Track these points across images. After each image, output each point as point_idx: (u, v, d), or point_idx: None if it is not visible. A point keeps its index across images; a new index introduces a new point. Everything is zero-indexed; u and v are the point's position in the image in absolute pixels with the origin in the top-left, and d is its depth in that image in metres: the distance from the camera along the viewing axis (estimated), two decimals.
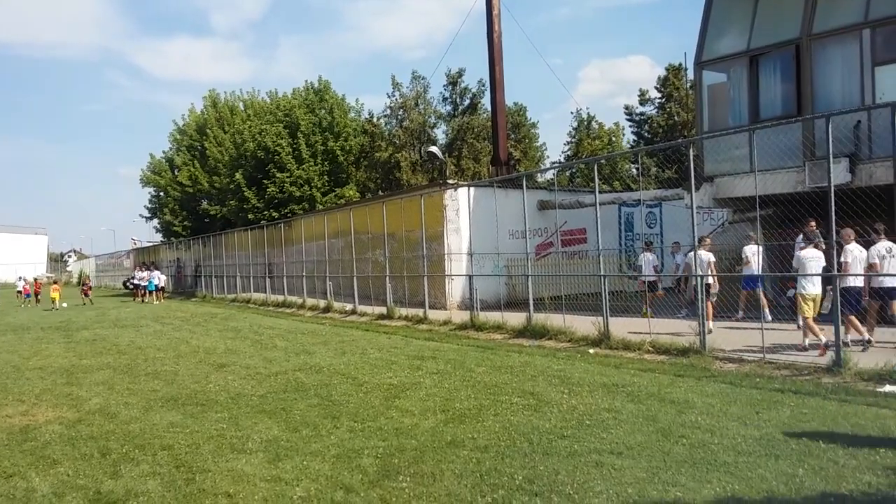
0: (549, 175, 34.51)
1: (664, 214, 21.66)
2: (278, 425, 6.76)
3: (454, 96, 38.01)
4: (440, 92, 38.91)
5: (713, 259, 12.73)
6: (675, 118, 36.54)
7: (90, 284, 36.73)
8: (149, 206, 47.42)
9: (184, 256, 41.77)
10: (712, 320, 11.48)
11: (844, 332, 8.87)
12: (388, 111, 37.09)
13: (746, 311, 12.86)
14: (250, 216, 32.21)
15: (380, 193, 33.15)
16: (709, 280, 11.62)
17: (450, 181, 23.18)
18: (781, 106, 13.75)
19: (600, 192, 13.21)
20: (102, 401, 8.39)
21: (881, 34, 12.21)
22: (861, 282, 9.44)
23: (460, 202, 18.89)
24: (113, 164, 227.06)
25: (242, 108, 41.64)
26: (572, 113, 56.54)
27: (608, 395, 7.47)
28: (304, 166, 32.37)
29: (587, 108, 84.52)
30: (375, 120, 37.55)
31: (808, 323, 9.42)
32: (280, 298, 25.28)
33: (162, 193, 44.72)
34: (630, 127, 40.97)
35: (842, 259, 9.20)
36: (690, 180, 10.24)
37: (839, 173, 11.47)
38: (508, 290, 17.85)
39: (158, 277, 32.99)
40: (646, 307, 13.99)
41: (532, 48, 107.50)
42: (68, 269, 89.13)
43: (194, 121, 43.16)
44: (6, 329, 19.38)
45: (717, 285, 12.32)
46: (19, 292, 35.12)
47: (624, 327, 11.47)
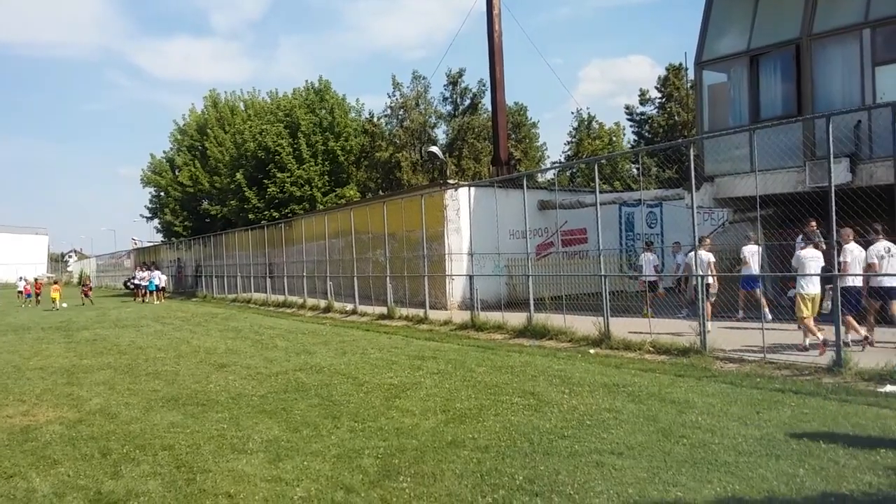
0: (550, 175, 34.51)
1: (665, 214, 21.68)
2: (279, 425, 6.76)
3: (455, 96, 38.01)
4: (441, 92, 38.97)
5: (713, 259, 12.76)
6: (676, 118, 36.51)
7: (90, 285, 36.75)
8: (149, 206, 47.42)
9: (184, 256, 41.80)
10: (710, 320, 11.48)
11: (845, 332, 8.87)
12: (389, 111, 37.11)
13: (747, 311, 12.86)
14: (251, 216, 32.20)
15: (380, 193, 33.15)
16: (708, 280, 11.63)
17: (450, 181, 23.19)
18: (782, 106, 13.75)
19: (601, 192, 13.20)
20: (103, 401, 8.40)
21: (881, 34, 12.21)
22: (861, 281, 9.46)
23: (461, 202, 18.90)
24: (113, 164, 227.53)
25: (243, 108, 41.62)
26: (573, 113, 56.62)
27: (609, 395, 7.47)
28: (305, 166, 32.36)
29: (587, 108, 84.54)
30: (376, 120, 37.55)
31: (806, 323, 9.44)
32: (280, 298, 25.29)
33: (162, 193, 44.70)
34: (630, 127, 40.99)
35: (841, 259, 9.20)
36: (691, 180, 10.24)
37: (840, 173, 11.47)
38: (509, 290, 17.85)
39: (159, 277, 33.04)
40: (646, 307, 14.00)
41: (532, 48, 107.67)
42: (69, 270, 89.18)
43: (195, 121, 43.14)
44: (7, 329, 19.40)
45: (717, 285, 12.33)
46: (20, 292, 35.16)
47: (624, 327, 11.48)
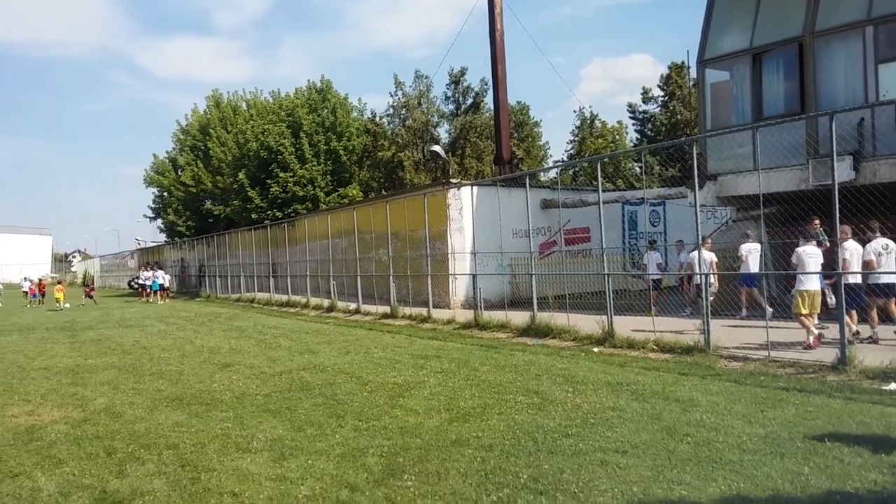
0: (553, 174, 34.47)
1: (668, 213, 21.67)
2: (283, 424, 6.78)
3: (457, 95, 37.95)
4: (443, 91, 38.94)
5: (715, 259, 12.79)
6: (678, 116, 36.42)
7: (93, 285, 36.77)
8: (152, 207, 47.55)
9: (188, 256, 41.86)
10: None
11: (849, 330, 8.87)
12: (391, 110, 37.09)
13: (750, 310, 12.85)
14: (254, 216, 32.24)
15: (383, 193, 33.12)
16: (710, 279, 11.63)
17: (453, 180, 23.21)
18: (784, 104, 13.72)
19: (604, 191, 13.21)
20: (108, 400, 8.42)
21: (884, 31, 12.17)
22: (860, 279, 9.50)
23: (463, 201, 18.90)
24: (115, 165, 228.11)
25: (245, 108, 41.64)
26: (575, 111, 56.41)
27: (612, 394, 7.47)
28: (308, 166, 32.38)
29: (590, 107, 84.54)
30: (378, 119, 37.55)
31: (802, 319, 9.50)
32: (284, 298, 25.31)
33: (165, 193, 44.77)
34: (633, 125, 40.89)
35: (843, 256, 9.21)
36: (694, 179, 10.23)
37: (843, 171, 11.43)
38: (512, 289, 17.86)
39: (163, 277, 33.13)
40: (650, 305, 13.99)
41: (534, 47, 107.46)
42: (73, 270, 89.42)
43: (197, 120, 43.19)
44: (12, 329, 19.45)
45: (717, 284, 12.34)
46: (25, 293, 35.31)
47: (628, 326, 11.48)
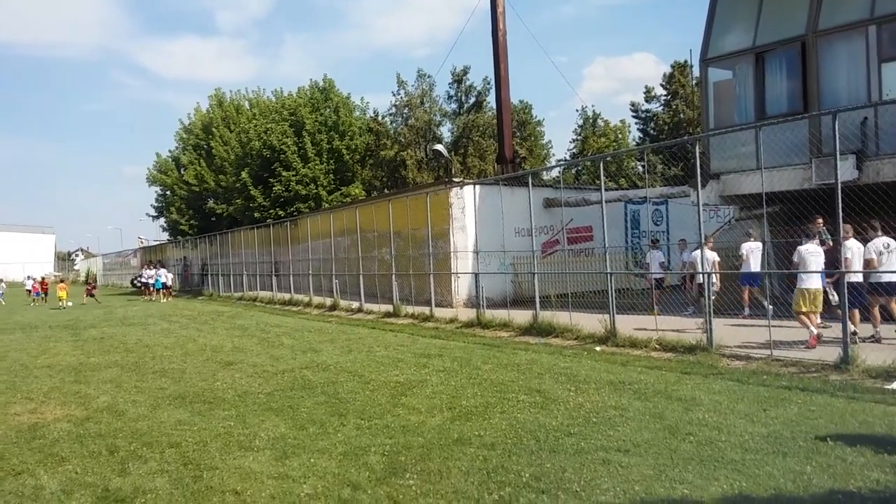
0: (555, 173, 34.43)
1: (670, 212, 21.67)
2: (285, 423, 6.78)
3: (459, 94, 37.93)
4: (445, 90, 38.95)
5: (717, 258, 12.79)
6: (681, 115, 36.40)
7: (95, 283, 36.80)
8: (155, 205, 47.61)
9: (190, 255, 41.95)
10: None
11: (852, 329, 8.86)
12: (394, 109, 37.11)
13: (752, 309, 12.84)
14: (256, 215, 32.27)
15: (385, 192, 33.14)
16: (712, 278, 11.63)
17: (455, 179, 23.19)
18: (787, 103, 13.71)
19: (606, 190, 13.21)
20: (110, 399, 8.43)
21: (887, 30, 12.15)
22: (862, 277, 9.50)
23: (466, 200, 18.90)
24: (117, 164, 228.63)
25: (248, 107, 41.68)
26: (577, 110, 56.54)
27: (615, 393, 7.47)
28: (310, 165, 32.40)
29: (592, 106, 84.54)
30: (381, 118, 37.56)
31: (801, 317, 9.49)
32: (286, 297, 25.33)
33: (168, 192, 44.86)
34: (636, 124, 40.88)
35: (845, 255, 9.21)
36: (696, 177, 10.22)
37: (846, 170, 11.42)
38: (514, 288, 17.86)
39: (165, 275, 33.19)
40: (653, 304, 13.99)
41: (537, 46, 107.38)
42: (76, 268, 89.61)
43: (200, 120, 43.25)
44: (15, 327, 19.49)
45: (719, 284, 12.34)
46: (29, 291, 35.40)
47: (630, 325, 11.48)
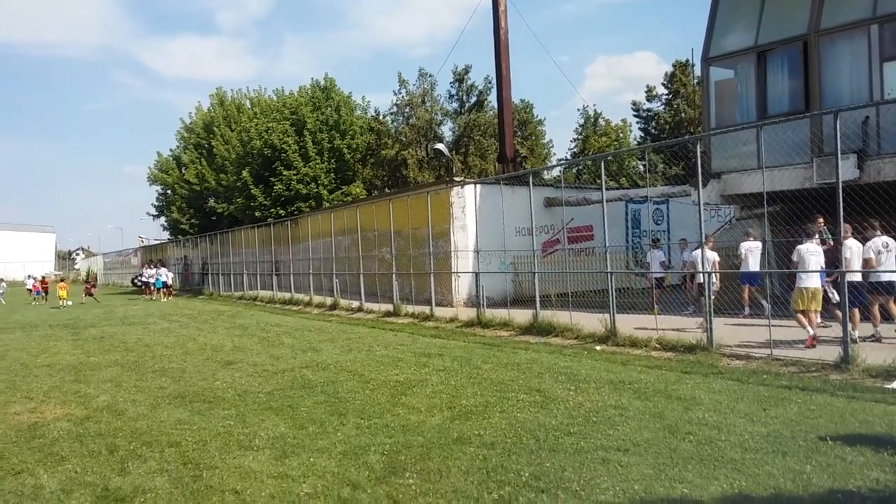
0: (556, 172, 34.40)
1: (671, 211, 21.66)
2: (285, 422, 6.78)
3: (460, 93, 37.88)
4: (447, 89, 38.92)
5: (717, 258, 12.78)
6: (682, 114, 36.34)
7: (94, 282, 36.79)
8: (156, 204, 47.62)
9: (191, 254, 41.97)
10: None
11: (852, 329, 8.85)
12: (395, 108, 37.09)
13: (752, 308, 12.84)
14: (257, 214, 32.28)
15: (386, 191, 33.14)
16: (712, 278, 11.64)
17: (456, 178, 23.18)
18: (789, 102, 13.68)
19: (607, 189, 13.20)
20: (110, 398, 8.44)
21: (889, 30, 12.12)
22: (861, 276, 9.50)
23: (467, 199, 18.90)
24: (118, 163, 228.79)
25: (249, 106, 41.68)
26: (579, 110, 56.52)
27: (615, 392, 7.46)
28: (311, 164, 32.40)
29: (593, 105, 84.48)
30: (382, 117, 37.54)
31: (799, 316, 9.47)
32: (287, 296, 25.34)
33: (169, 191, 44.87)
34: (637, 123, 40.81)
35: (845, 254, 9.20)
36: (698, 177, 10.21)
37: (847, 170, 11.40)
38: (515, 288, 17.86)
39: (165, 274, 33.19)
40: (653, 303, 13.98)
41: (538, 45, 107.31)
42: (76, 268, 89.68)
43: (201, 119, 43.26)
44: (15, 326, 19.51)
45: (719, 283, 12.35)
46: (29, 290, 35.44)
47: (630, 324, 11.48)
